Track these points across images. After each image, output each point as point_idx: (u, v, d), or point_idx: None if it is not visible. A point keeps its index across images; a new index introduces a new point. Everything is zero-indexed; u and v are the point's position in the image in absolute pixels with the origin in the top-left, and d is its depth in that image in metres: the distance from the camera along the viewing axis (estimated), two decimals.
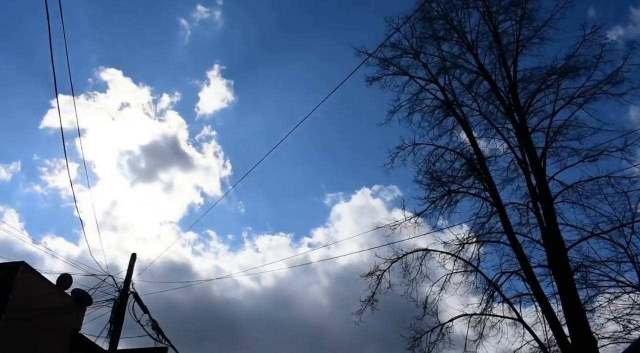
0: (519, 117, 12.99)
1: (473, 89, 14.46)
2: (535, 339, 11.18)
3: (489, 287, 12.26)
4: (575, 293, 10.61)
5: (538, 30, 13.62)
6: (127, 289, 12.21)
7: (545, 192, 11.92)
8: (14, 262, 10.97)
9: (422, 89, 14.78)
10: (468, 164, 13.58)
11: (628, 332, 10.16)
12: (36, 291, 11.27)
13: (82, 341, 12.43)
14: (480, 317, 12.09)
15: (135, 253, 12.78)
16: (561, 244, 11.20)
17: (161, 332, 12.33)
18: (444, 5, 14.82)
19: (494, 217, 12.86)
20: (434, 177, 13.82)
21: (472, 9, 14.61)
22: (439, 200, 13.57)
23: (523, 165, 12.75)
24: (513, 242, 12.02)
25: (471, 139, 13.70)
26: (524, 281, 11.85)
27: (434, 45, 14.81)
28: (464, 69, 14.61)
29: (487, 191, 13.04)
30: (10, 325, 10.33)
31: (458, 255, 12.85)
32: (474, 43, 14.39)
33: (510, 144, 13.24)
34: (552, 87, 12.94)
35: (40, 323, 11.05)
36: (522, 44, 13.70)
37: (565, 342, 10.37)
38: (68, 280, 12.29)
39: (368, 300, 13.18)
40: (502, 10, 14.22)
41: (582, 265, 11.22)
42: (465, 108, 14.43)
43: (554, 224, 11.50)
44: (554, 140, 12.60)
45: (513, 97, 13.34)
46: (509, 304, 11.78)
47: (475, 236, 13.03)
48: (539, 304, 11.18)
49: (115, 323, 11.60)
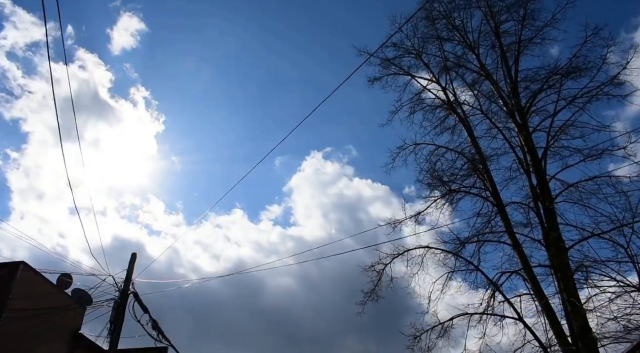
0: (520, 116, 13.02)
1: (474, 89, 14.48)
2: (535, 339, 11.22)
3: (489, 286, 12.31)
4: (575, 293, 10.67)
5: (540, 30, 13.68)
6: (127, 289, 12.18)
7: (546, 192, 11.96)
8: (14, 262, 10.90)
9: (424, 89, 14.82)
10: (469, 164, 13.61)
11: (628, 332, 10.20)
12: (36, 291, 11.20)
13: (82, 341, 12.37)
14: (480, 316, 12.14)
15: (135, 253, 12.75)
16: (562, 244, 11.25)
17: (161, 332, 12.30)
18: (446, 5, 14.84)
19: (494, 217, 12.91)
20: (434, 177, 13.85)
21: (474, 8, 14.63)
22: (439, 200, 13.63)
23: (524, 164, 12.78)
24: (514, 242, 12.07)
25: (472, 139, 13.73)
26: (524, 281, 11.92)
27: (436, 45, 14.85)
28: (465, 68, 14.64)
29: (488, 191, 13.09)
30: (10, 325, 10.27)
31: (459, 254, 12.91)
32: (476, 43, 14.41)
33: (511, 144, 13.28)
34: (554, 87, 12.97)
35: (40, 323, 10.98)
36: (524, 44, 13.73)
37: (565, 341, 10.44)
38: (68, 280, 12.23)
39: (369, 293, 13.22)
40: (504, 10, 14.24)
41: (583, 265, 11.25)
42: (467, 107, 14.48)
43: (555, 224, 11.55)
44: (555, 139, 12.64)
45: (514, 96, 13.36)
46: (509, 304, 11.84)
47: (476, 235, 13.07)
48: (540, 304, 11.24)
49: (115, 323, 11.56)
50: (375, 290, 13.16)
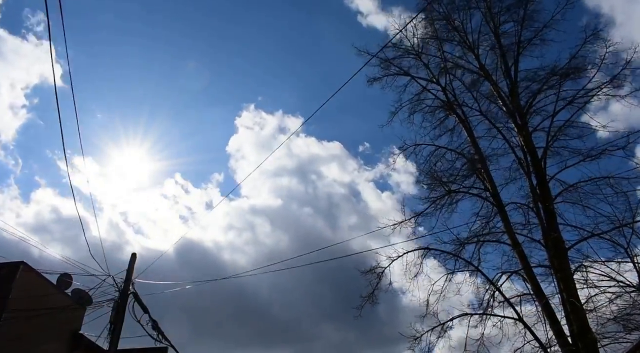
0: (520, 117, 13.02)
1: (474, 89, 14.50)
2: (535, 339, 11.20)
3: (489, 287, 12.30)
4: (575, 293, 10.66)
5: (539, 31, 13.70)
6: (127, 289, 12.16)
7: (546, 192, 11.96)
8: (14, 262, 10.89)
9: (424, 90, 14.83)
10: (469, 164, 13.61)
11: (628, 332, 10.19)
12: (36, 291, 11.20)
13: (82, 341, 12.37)
14: (480, 316, 12.13)
15: (135, 253, 12.72)
16: (561, 244, 11.24)
17: (161, 332, 12.28)
18: (446, 6, 14.86)
19: (494, 217, 12.91)
20: (434, 177, 13.85)
21: (474, 9, 14.65)
22: (439, 200, 13.61)
23: (524, 165, 12.78)
24: (514, 242, 12.06)
25: (472, 139, 13.73)
26: (524, 281, 11.91)
27: (436, 45, 14.87)
28: (465, 69, 14.66)
29: (487, 191, 13.09)
30: (10, 325, 10.26)
31: (459, 255, 12.89)
32: (475, 43, 14.43)
33: (511, 144, 13.29)
34: (553, 87, 13.00)
35: (40, 323, 10.98)
36: (523, 45, 13.77)
37: (565, 341, 10.42)
38: (68, 281, 12.24)
39: (368, 296, 13.19)
40: (504, 11, 14.28)
41: (582, 265, 11.25)
42: (466, 108, 14.50)
43: (555, 224, 11.54)
44: (554, 140, 12.65)
45: (514, 97, 13.37)
46: (509, 304, 11.81)
47: (475, 236, 13.06)
48: (539, 304, 11.22)
49: (115, 323, 11.55)
50: (374, 293, 13.13)
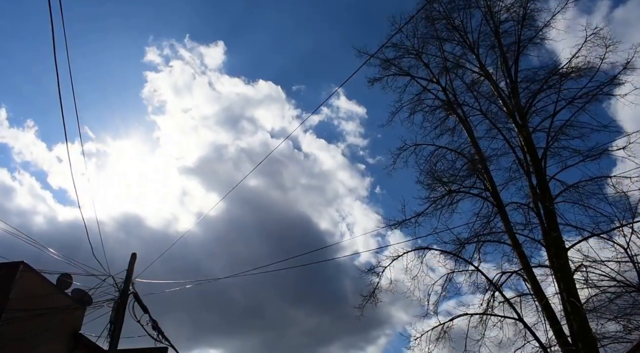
0: (520, 117, 13.01)
1: (474, 89, 14.49)
2: (535, 339, 11.21)
3: (489, 287, 12.30)
4: (575, 293, 10.65)
5: (540, 30, 13.68)
6: (127, 289, 12.16)
7: (546, 192, 11.96)
8: (14, 262, 10.86)
9: (424, 89, 14.82)
10: (469, 164, 13.60)
11: (628, 332, 10.18)
12: (36, 291, 11.17)
13: (82, 341, 12.34)
14: (481, 316, 12.12)
15: (135, 253, 12.73)
16: (561, 244, 11.24)
17: (161, 332, 12.27)
18: (446, 6, 14.84)
19: (494, 217, 12.90)
20: (435, 177, 13.84)
21: (474, 8, 14.63)
22: (439, 200, 13.60)
23: (524, 165, 12.78)
24: (514, 242, 12.06)
25: (472, 139, 13.72)
26: (524, 281, 11.90)
27: (436, 45, 14.86)
28: (465, 69, 14.65)
29: (488, 191, 13.08)
30: (10, 325, 10.24)
31: (459, 255, 12.89)
32: (476, 43, 14.42)
33: (511, 144, 13.28)
34: (553, 87, 12.98)
35: (40, 324, 10.96)
36: (524, 45, 13.75)
37: (565, 342, 10.42)
38: (68, 281, 12.21)
39: (369, 296, 13.19)
40: (504, 10, 14.25)
41: (583, 265, 11.24)
42: (467, 108, 14.50)
43: (555, 224, 11.54)
44: (555, 140, 12.65)
45: (514, 97, 13.36)
46: (509, 304, 11.81)
47: (475, 236, 13.06)
48: (540, 304, 11.22)
49: (115, 323, 11.54)
50: (375, 293, 13.13)
